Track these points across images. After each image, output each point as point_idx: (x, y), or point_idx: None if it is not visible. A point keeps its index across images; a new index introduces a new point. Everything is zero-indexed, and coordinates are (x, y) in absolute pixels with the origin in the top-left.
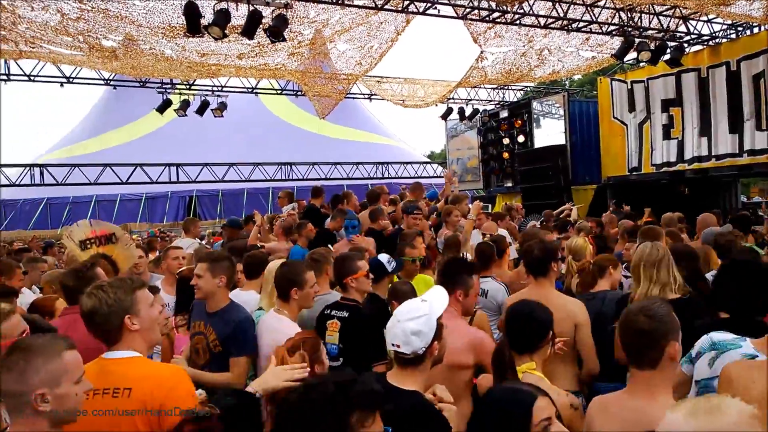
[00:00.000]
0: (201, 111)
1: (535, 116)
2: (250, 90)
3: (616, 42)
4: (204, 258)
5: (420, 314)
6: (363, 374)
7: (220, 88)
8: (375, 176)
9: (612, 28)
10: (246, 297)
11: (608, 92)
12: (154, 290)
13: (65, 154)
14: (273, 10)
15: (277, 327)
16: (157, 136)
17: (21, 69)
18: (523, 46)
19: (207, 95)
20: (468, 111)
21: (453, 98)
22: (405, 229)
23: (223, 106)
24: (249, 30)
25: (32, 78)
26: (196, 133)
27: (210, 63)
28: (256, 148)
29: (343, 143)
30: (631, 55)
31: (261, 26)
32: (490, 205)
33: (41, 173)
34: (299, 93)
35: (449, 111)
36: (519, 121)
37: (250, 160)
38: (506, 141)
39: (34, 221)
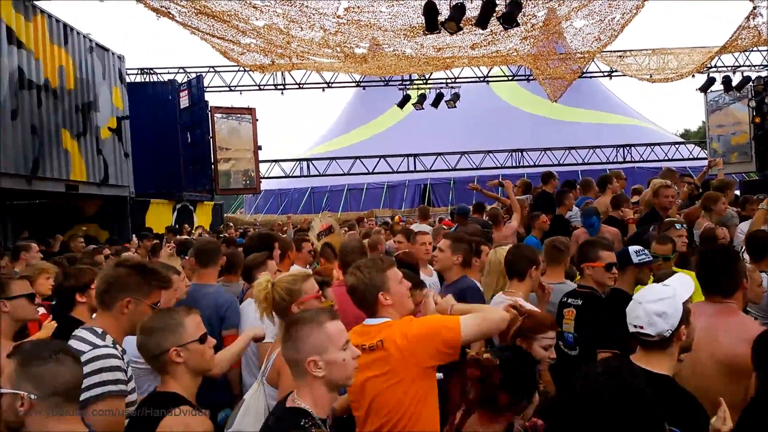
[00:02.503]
0: (436, 103)
1: None
2: (481, 79)
3: None
4: (449, 236)
5: (664, 296)
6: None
7: (453, 80)
8: (615, 161)
9: None
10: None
11: None
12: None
13: (324, 149)
14: None
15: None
16: (397, 130)
17: (293, 78)
18: None
19: (441, 88)
20: (735, 80)
21: (715, 66)
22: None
23: (456, 97)
24: (483, 20)
25: (301, 86)
26: (432, 125)
27: (445, 56)
28: (487, 136)
29: (578, 126)
30: None
31: (494, 14)
32: None
33: (307, 166)
34: (530, 77)
35: (711, 81)
36: None
37: (481, 148)
38: None
39: (301, 207)
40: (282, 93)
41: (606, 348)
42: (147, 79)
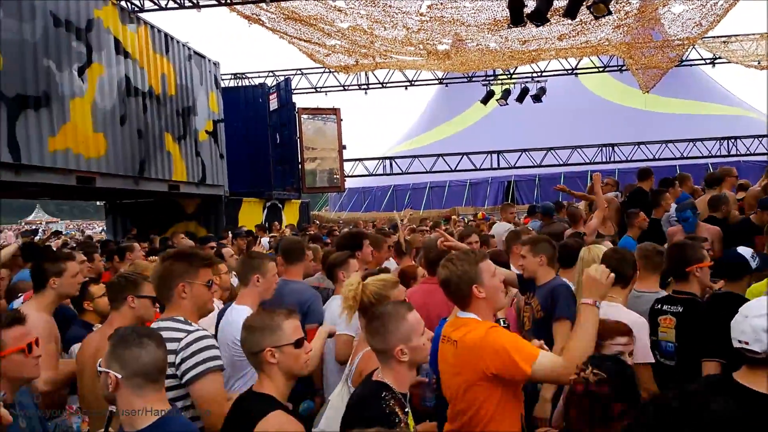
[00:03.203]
0: (521, 98)
1: None
2: (569, 71)
3: None
4: (525, 242)
5: None
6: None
7: (539, 74)
8: (718, 154)
9: None
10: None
11: None
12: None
13: (407, 147)
14: None
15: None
16: (480, 126)
17: (376, 78)
18: None
19: (527, 82)
20: None
21: None
22: (755, 221)
23: (542, 91)
24: (572, 10)
25: (384, 84)
26: (516, 120)
27: (530, 49)
28: (575, 130)
29: (676, 118)
30: None
31: (584, 3)
32: None
33: (390, 164)
34: (623, 68)
35: None
36: None
37: (569, 144)
38: None
39: (384, 205)
40: (365, 92)
41: (712, 357)
42: (239, 84)
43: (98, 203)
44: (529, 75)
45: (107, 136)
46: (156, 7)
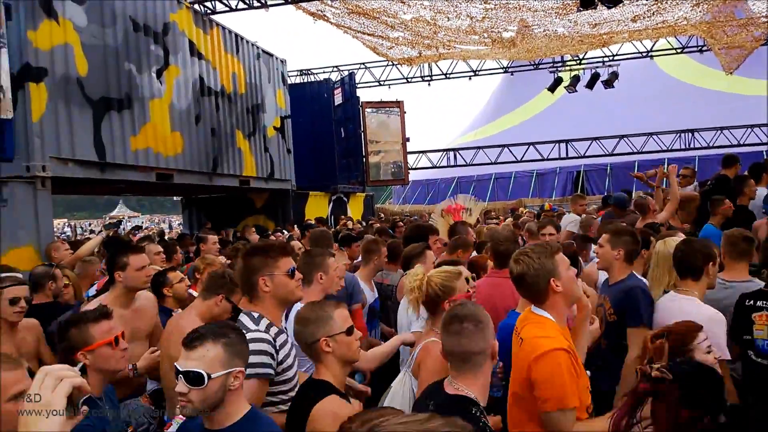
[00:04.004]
0: (591, 84)
1: None
2: (644, 54)
3: None
4: (608, 230)
5: None
6: None
7: (610, 58)
8: None
9: None
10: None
11: None
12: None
13: (471, 138)
14: None
15: (669, 306)
16: (547, 115)
17: (440, 69)
18: None
19: (597, 67)
20: None
21: None
22: None
23: (614, 76)
24: None
25: (448, 75)
26: (585, 108)
27: (601, 32)
28: (650, 116)
29: (762, 100)
30: None
31: None
32: None
33: (454, 156)
34: (704, 48)
35: None
36: None
37: (643, 130)
38: None
39: (448, 197)
40: (429, 84)
41: None
42: (305, 80)
43: (174, 198)
44: (600, 59)
45: (183, 134)
46: (227, 8)
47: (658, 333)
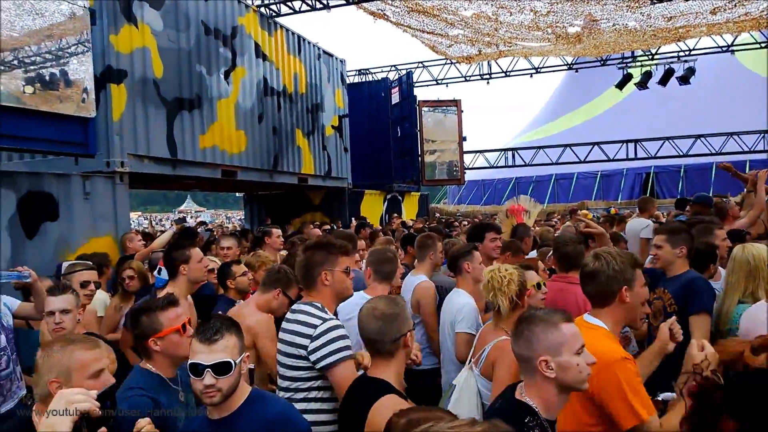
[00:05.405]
0: (664, 81)
1: None
2: (724, 48)
3: None
4: (663, 230)
5: None
6: None
7: (686, 53)
8: None
9: None
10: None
11: None
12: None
13: (531, 137)
14: None
15: (761, 317)
16: (614, 113)
17: (499, 67)
18: None
19: (672, 63)
20: None
21: None
22: None
23: (690, 72)
24: None
25: (508, 73)
26: (657, 106)
27: (677, 26)
28: (730, 115)
29: None
30: None
31: None
32: None
33: (513, 156)
34: None
35: None
36: None
37: (722, 130)
38: None
39: (505, 197)
40: (488, 82)
41: None
42: (363, 79)
43: (237, 194)
44: (675, 54)
45: (247, 133)
46: (291, 11)
47: (762, 345)
